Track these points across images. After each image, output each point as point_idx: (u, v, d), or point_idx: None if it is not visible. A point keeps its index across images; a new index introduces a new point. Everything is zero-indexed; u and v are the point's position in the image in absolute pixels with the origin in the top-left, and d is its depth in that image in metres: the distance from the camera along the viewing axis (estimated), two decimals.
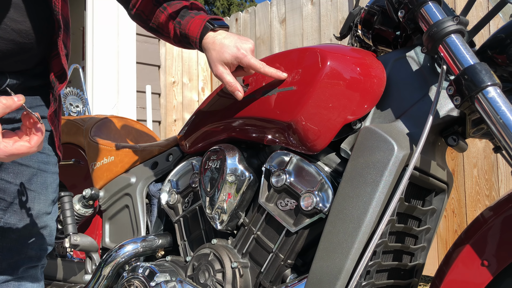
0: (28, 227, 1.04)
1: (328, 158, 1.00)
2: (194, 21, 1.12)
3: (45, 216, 1.07)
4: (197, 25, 1.11)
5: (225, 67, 1.06)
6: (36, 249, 1.08)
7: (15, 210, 1.03)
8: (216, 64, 1.07)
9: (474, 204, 2.52)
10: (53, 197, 1.10)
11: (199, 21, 1.11)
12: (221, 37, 1.07)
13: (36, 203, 1.05)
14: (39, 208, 1.05)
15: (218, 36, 1.07)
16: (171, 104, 4.18)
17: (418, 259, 1.04)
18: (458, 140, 0.92)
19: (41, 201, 1.05)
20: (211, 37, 1.08)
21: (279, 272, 1.00)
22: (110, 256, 1.28)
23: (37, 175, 1.04)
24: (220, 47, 1.06)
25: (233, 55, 1.04)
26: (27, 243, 1.05)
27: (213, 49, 1.08)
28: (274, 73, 1.01)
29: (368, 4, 1.10)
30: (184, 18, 1.13)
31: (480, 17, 2.10)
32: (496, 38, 0.90)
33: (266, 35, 3.78)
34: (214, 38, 1.08)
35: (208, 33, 1.09)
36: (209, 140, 1.20)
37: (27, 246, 1.05)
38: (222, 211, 1.10)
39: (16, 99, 0.80)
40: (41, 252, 1.09)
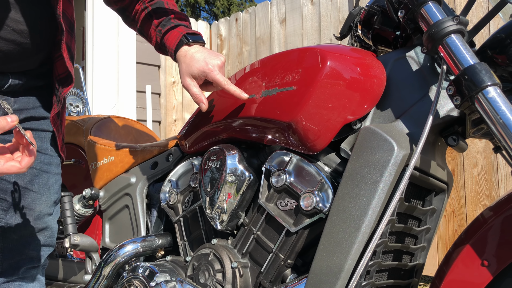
0: (29, 228, 1.04)
1: (328, 158, 1.00)
2: (173, 33, 1.18)
3: (47, 217, 1.07)
4: (174, 37, 1.16)
5: (193, 80, 1.12)
6: (37, 250, 1.07)
7: (16, 211, 1.03)
8: (184, 76, 1.13)
9: (474, 204, 2.52)
10: (55, 198, 1.09)
11: (177, 34, 1.16)
12: (194, 51, 1.13)
13: (37, 204, 1.04)
14: (40, 209, 1.05)
15: (191, 50, 1.13)
16: (171, 104, 4.18)
17: (418, 259, 1.04)
18: (458, 140, 0.92)
19: (42, 202, 1.05)
20: (184, 50, 1.14)
21: (279, 272, 1.00)
22: (110, 256, 1.28)
23: (39, 176, 1.04)
24: (190, 60, 1.12)
25: (200, 69, 1.10)
26: (28, 243, 1.05)
27: (183, 61, 1.13)
28: (237, 92, 1.05)
29: (368, 4, 1.10)
30: (165, 27, 1.19)
31: (480, 17, 2.10)
32: (496, 38, 0.90)
33: (266, 35, 3.78)
34: (186, 51, 1.13)
35: (183, 46, 1.15)
36: (209, 140, 1.20)
37: (28, 247, 1.05)
38: (222, 211, 1.10)
39: (9, 119, 0.81)
40: (42, 253, 1.09)
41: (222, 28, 4.22)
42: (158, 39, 1.20)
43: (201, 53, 1.12)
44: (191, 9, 13.97)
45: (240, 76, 1.13)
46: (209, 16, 14.39)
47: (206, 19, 12.80)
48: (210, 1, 13.97)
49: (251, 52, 3.92)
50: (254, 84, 1.07)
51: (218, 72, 1.09)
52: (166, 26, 1.19)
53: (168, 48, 1.17)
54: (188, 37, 1.15)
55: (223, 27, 4.22)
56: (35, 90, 1.03)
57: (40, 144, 1.05)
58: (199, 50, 1.13)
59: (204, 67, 1.09)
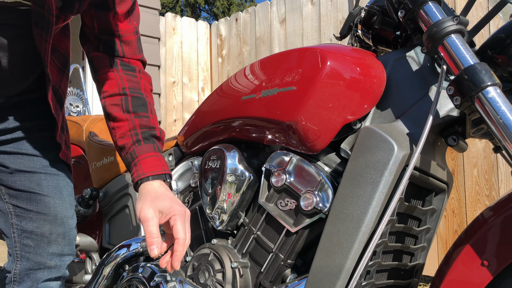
0: (46, 235, 1.03)
1: (328, 158, 1.00)
2: (154, 158, 1.02)
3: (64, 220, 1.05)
4: (156, 166, 1.01)
5: (157, 215, 0.92)
6: (56, 259, 1.05)
7: (30, 216, 1.02)
8: (148, 207, 0.92)
9: (474, 204, 2.52)
10: (69, 201, 1.07)
11: (160, 166, 1.01)
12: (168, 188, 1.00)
13: (52, 207, 1.03)
14: (55, 212, 1.03)
15: (166, 186, 1.00)
16: (171, 104, 4.18)
17: (418, 259, 1.04)
18: (458, 140, 0.92)
19: (56, 205, 1.04)
20: (159, 183, 0.99)
21: (279, 272, 1.00)
22: (110, 256, 1.28)
23: (47, 180, 1.03)
24: (162, 192, 0.96)
25: (174, 207, 0.92)
26: (45, 252, 1.03)
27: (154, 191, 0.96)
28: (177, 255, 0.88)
29: (368, 4, 1.10)
30: (147, 142, 1.03)
31: (480, 17, 2.10)
32: (496, 38, 0.90)
33: (266, 35, 3.78)
34: (162, 186, 0.99)
35: (159, 180, 1.00)
36: (209, 140, 1.20)
37: (45, 256, 1.03)
38: (222, 211, 1.10)
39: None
40: (61, 263, 1.06)
41: (222, 28, 4.22)
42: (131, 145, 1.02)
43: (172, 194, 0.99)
44: (191, 9, 13.96)
45: (240, 76, 1.13)
46: (209, 16, 14.39)
47: (206, 19, 12.80)
48: (210, 1, 13.97)
49: (251, 52, 3.92)
50: (254, 84, 1.07)
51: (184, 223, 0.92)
52: (149, 141, 1.04)
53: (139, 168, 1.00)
54: (167, 177, 1.02)
55: (223, 27, 4.22)
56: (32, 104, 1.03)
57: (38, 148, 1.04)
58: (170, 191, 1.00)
59: (177, 204, 0.93)
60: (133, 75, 1.09)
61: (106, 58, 1.07)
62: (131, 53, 1.09)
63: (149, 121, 1.06)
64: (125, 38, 1.07)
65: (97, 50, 1.08)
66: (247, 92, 1.07)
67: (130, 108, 1.05)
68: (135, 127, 1.04)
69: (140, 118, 1.05)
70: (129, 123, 1.04)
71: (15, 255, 1.02)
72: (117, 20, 1.05)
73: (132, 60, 1.09)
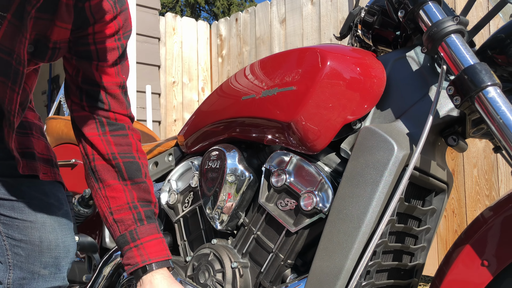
0: (36, 243, 0.98)
1: (328, 158, 1.00)
2: (159, 241, 0.96)
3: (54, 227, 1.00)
4: (161, 251, 0.95)
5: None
6: (50, 268, 1.00)
7: (17, 224, 0.97)
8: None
9: (474, 204, 2.51)
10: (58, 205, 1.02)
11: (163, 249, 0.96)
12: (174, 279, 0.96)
13: (38, 214, 0.98)
14: (43, 219, 0.99)
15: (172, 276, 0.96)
16: (171, 104, 4.18)
17: (418, 259, 1.04)
18: (458, 140, 0.92)
19: (43, 211, 0.99)
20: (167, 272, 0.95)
21: (279, 272, 1.00)
22: (110, 256, 1.28)
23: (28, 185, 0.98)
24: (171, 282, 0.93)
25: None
26: (38, 261, 0.99)
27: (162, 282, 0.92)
28: None
29: (368, 4, 1.10)
30: (150, 222, 0.96)
31: (480, 17, 2.10)
32: (496, 38, 0.90)
33: (266, 35, 3.78)
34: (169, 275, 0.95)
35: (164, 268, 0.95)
36: (209, 140, 1.20)
37: (38, 264, 0.99)
38: (222, 211, 1.10)
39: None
40: (57, 271, 1.01)
41: (222, 28, 4.22)
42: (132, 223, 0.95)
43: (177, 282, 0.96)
44: (191, 9, 13.97)
45: (240, 76, 1.13)
46: (209, 16, 14.39)
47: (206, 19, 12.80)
48: (210, 1, 13.97)
49: (251, 52, 3.92)
50: (254, 84, 1.07)
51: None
52: (152, 221, 0.97)
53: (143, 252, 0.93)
54: (171, 263, 0.97)
55: (223, 27, 4.22)
56: None
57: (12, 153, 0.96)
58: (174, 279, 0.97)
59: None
60: (123, 134, 1.00)
61: (91, 119, 0.98)
62: (117, 107, 0.99)
63: (147, 189, 0.98)
64: (111, 91, 0.98)
65: (80, 107, 0.98)
66: (247, 92, 1.07)
67: (125, 175, 0.97)
68: (133, 199, 0.96)
69: (137, 186, 0.97)
70: (127, 194, 0.96)
71: (8, 264, 0.98)
72: (102, 72, 0.96)
73: (119, 116, 1.00)
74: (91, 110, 0.98)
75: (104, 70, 0.96)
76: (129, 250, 0.94)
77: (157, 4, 4.04)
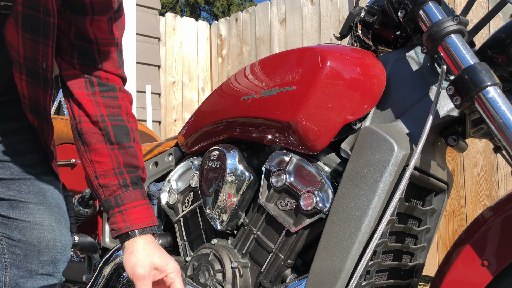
0: (34, 243, 0.97)
1: (328, 158, 1.00)
2: (144, 208, 0.94)
3: (53, 227, 1.00)
4: (145, 218, 0.93)
5: (150, 272, 0.87)
6: (48, 267, 1.00)
7: (15, 225, 0.96)
8: (144, 263, 0.87)
9: (474, 204, 2.52)
10: (56, 204, 1.01)
11: (149, 216, 0.93)
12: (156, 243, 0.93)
13: (36, 215, 0.97)
14: (41, 219, 0.98)
15: (156, 242, 0.93)
16: (171, 104, 4.18)
17: (418, 259, 1.04)
18: (458, 140, 0.92)
19: (42, 211, 0.98)
20: (151, 238, 0.92)
21: (279, 272, 1.00)
22: (110, 256, 1.28)
23: (27, 185, 0.97)
24: (155, 249, 0.90)
25: (169, 263, 0.89)
26: (36, 260, 0.98)
27: (148, 246, 0.90)
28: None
29: (368, 4, 1.10)
30: (135, 188, 0.94)
31: (480, 17, 2.10)
32: (496, 38, 0.90)
33: (266, 35, 3.78)
34: (154, 241, 0.92)
35: (149, 234, 0.93)
36: (209, 140, 1.20)
37: (36, 263, 0.98)
38: (222, 211, 1.10)
39: None
40: (55, 269, 1.01)
41: (222, 28, 4.22)
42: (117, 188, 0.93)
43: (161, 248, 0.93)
44: (190, 9, 13.97)
45: (240, 76, 1.13)
46: (209, 16, 14.39)
47: (206, 19, 12.80)
48: (210, 1, 13.97)
49: (251, 52, 3.92)
50: (254, 84, 1.07)
51: (179, 275, 0.90)
52: (137, 187, 0.94)
53: (127, 218, 0.92)
54: (156, 229, 0.95)
55: (223, 27, 4.22)
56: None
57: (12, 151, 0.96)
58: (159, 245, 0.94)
59: (170, 259, 0.89)
60: (113, 96, 0.96)
61: (81, 78, 0.94)
62: (110, 66, 0.96)
63: (135, 154, 0.96)
64: (104, 48, 0.94)
65: (71, 64, 0.94)
66: (247, 92, 1.07)
67: (113, 139, 0.93)
68: (119, 165, 0.93)
69: (124, 151, 0.94)
70: (113, 159, 0.93)
71: (4, 263, 0.97)
72: (96, 27, 0.92)
73: (111, 76, 0.96)
74: (81, 68, 0.94)
75: (98, 25, 0.92)
76: (113, 215, 0.93)
77: (157, 4, 4.04)
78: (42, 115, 0.95)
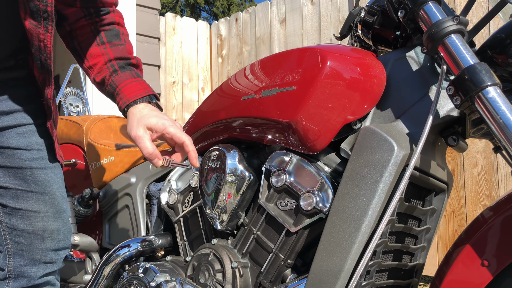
0: (38, 232, 0.99)
1: (328, 158, 1.00)
2: (135, 83, 1.06)
3: (56, 216, 1.02)
4: (137, 90, 1.05)
5: (146, 131, 1.00)
6: (51, 255, 1.02)
7: (20, 214, 0.98)
8: (137, 126, 1.00)
9: (474, 204, 2.52)
10: (60, 194, 1.03)
11: (141, 88, 1.06)
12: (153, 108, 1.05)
13: (41, 204, 0.99)
14: (46, 209, 1.00)
15: (150, 107, 1.05)
16: (171, 104, 4.18)
17: (418, 259, 1.04)
18: (458, 140, 0.92)
19: (46, 201, 1.00)
20: (144, 105, 1.04)
21: (279, 272, 1.00)
22: (110, 256, 1.28)
23: (33, 174, 0.99)
24: (148, 112, 1.02)
25: (160, 120, 1.00)
26: (40, 249, 1.00)
27: (139, 112, 1.02)
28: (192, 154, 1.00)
29: (368, 4, 1.10)
30: (123, 70, 1.07)
31: (480, 17, 2.10)
32: (496, 38, 0.90)
33: (266, 35, 3.78)
34: (146, 107, 1.04)
35: (144, 102, 1.05)
36: (209, 140, 1.20)
37: (40, 252, 1.00)
38: (222, 211, 1.10)
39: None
40: (57, 257, 1.04)
41: (222, 28, 4.22)
42: (109, 77, 1.06)
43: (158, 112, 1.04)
44: (191, 9, 13.97)
45: (240, 76, 1.13)
46: (209, 16, 14.39)
47: (206, 19, 12.80)
48: (210, 1, 13.97)
49: (251, 52, 3.92)
50: (254, 84, 1.07)
51: (180, 128, 1.00)
52: (125, 70, 1.07)
53: (123, 96, 1.04)
54: (153, 98, 1.06)
55: (223, 27, 4.22)
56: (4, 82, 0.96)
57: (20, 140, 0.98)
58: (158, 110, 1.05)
59: (165, 119, 1.00)
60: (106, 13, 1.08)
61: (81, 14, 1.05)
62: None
63: (124, 50, 1.08)
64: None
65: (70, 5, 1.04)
66: (247, 92, 1.07)
67: (104, 39, 1.07)
68: (110, 60, 1.06)
69: (115, 48, 1.07)
70: (105, 57, 1.06)
71: (7, 253, 0.99)
72: None
73: (106, 2, 1.08)
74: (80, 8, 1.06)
75: None
76: (116, 101, 1.06)
77: (157, 4, 4.04)
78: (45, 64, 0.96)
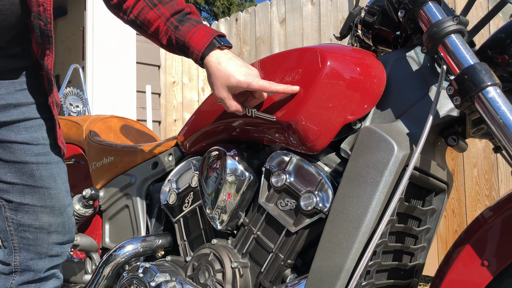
0: (45, 227, 1.01)
1: (328, 158, 1.00)
2: (198, 32, 1.03)
3: (62, 211, 1.03)
4: (202, 38, 1.02)
5: (228, 92, 1.00)
6: (57, 248, 1.05)
7: (26, 210, 0.99)
8: (220, 89, 1.00)
9: (474, 204, 2.51)
10: (65, 188, 1.05)
11: (205, 34, 1.02)
12: (227, 57, 1.01)
13: (47, 199, 1.01)
14: (52, 204, 1.01)
15: (224, 57, 1.01)
16: (171, 104, 4.18)
17: (418, 259, 1.04)
18: (458, 140, 0.92)
19: (52, 196, 1.01)
20: (216, 56, 1.01)
21: (279, 272, 1.00)
22: (110, 256, 1.28)
23: (39, 169, 1.00)
24: (225, 71, 0.99)
25: (241, 81, 0.97)
26: (45, 243, 1.02)
27: (217, 72, 1.00)
28: (288, 89, 0.96)
29: (368, 4, 1.10)
30: (183, 23, 1.04)
31: (480, 17, 2.10)
32: (496, 38, 0.90)
33: (266, 35, 3.78)
34: (219, 58, 1.00)
35: (214, 50, 1.01)
36: (209, 140, 1.20)
37: (46, 246, 1.02)
38: (222, 211, 1.10)
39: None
40: (63, 250, 1.06)
41: (222, 28, 4.22)
42: (173, 35, 1.04)
43: (236, 62, 1.00)
44: None
45: None
46: (209, 16, 14.38)
47: (206, 19, 12.79)
48: (210, 1, 13.97)
49: (251, 52, 3.92)
50: None
51: (259, 79, 0.98)
52: (184, 22, 1.04)
53: (192, 48, 1.02)
54: (220, 40, 1.02)
55: (223, 27, 4.22)
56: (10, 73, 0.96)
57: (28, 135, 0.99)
58: (233, 58, 1.01)
59: (244, 79, 0.96)
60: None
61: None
62: None
63: (176, 3, 1.06)
64: None
65: None
66: None
67: (155, 1, 1.06)
68: (168, 19, 1.05)
69: (167, 5, 1.05)
70: (162, 18, 1.05)
71: (13, 248, 1.00)
72: None
73: None
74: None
75: None
76: (190, 56, 1.05)
77: None
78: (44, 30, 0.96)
